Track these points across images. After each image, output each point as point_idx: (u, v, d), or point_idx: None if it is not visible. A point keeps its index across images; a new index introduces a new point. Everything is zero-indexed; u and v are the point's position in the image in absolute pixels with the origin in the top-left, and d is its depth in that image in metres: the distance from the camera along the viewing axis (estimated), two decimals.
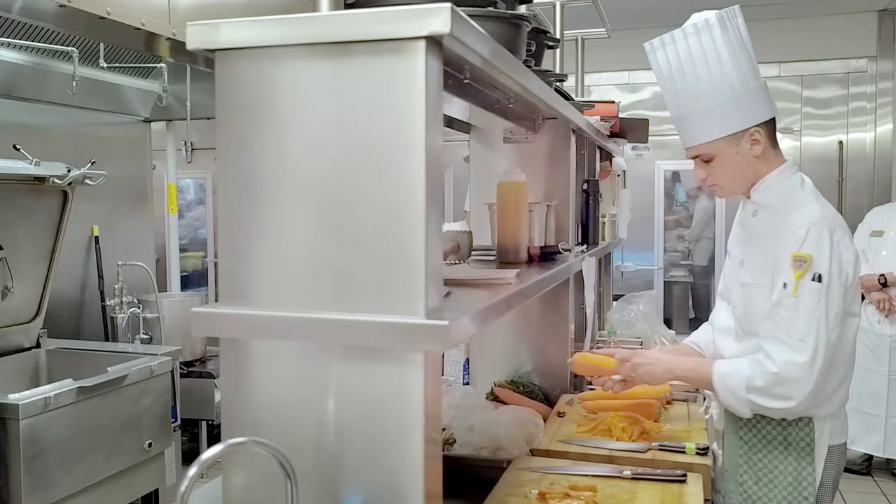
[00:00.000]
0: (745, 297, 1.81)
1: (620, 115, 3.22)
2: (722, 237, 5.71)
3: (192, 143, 4.58)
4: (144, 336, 4.09)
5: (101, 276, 4.61)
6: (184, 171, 5.62)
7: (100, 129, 4.71)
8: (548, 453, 1.78)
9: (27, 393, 2.73)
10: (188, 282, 6.53)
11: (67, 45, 3.72)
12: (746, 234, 1.88)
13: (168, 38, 2.66)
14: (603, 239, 2.98)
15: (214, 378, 4.38)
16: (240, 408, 1.14)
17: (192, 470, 0.96)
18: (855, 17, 5.64)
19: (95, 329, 4.59)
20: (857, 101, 5.79)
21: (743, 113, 1.79)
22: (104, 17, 2.37)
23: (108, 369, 3.07)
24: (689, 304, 6.99)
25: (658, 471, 1.62)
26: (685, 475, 1.61)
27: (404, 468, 1.06)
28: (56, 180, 3.23)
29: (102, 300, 4.60)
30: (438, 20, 0.99)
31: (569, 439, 1.86)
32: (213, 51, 1.11)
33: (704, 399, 2.07)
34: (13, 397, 2.67)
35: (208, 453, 0.97)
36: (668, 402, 2.18)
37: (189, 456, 4.18)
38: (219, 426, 4.88)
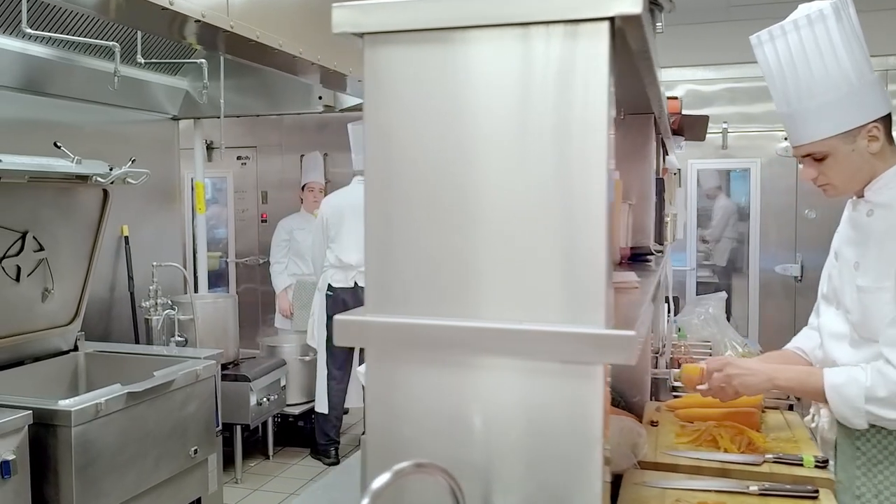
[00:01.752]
0: (862, 302, 1.71)
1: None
2: (757, 238, 5.61)
3: (223, 143, 4.47)
4: (180, 338, 4.00)
5: (131, 277, 4.52)
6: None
7: (128, 126, 4.62)
8: (657, 466, 1.68)
9: (78, 399, 2.64)
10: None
11: (102, 41, 3.61)
12: (860, 235, 1.78)
13: (225, 31, 2.58)
14: (667, 239, 2.89)
15: (250, 381, 4.28)
16: (389, 425, 1.05)
17: (365, 501, 0.86)
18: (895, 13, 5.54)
19: (126, 331, 4.49)
20: None
21: (861, 108, 1.70)
22: (166, 8, 2.29)
23: (155, 373, 2.98)
24: None
25: (787, 486, 1.53)
26: (817, 491, 1.52)
27: (580, 491, 0.97)
28: (99, 178, 3.13)
29: (133, 301, 4.51)
30: (629, 0, 0.90)
31: (673, 451, 1.77)
32: (362, 35, 1.02)
33: (811, 406, 1.98)
34: (64, 404, 2.58)
35: (378, 482, 0.87)
36: (763, 410, 2.08)
37: (223, 461, 4.08)
38: (254, 431, 4.80)
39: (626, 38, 1.04)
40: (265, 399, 4.43)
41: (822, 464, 1.67)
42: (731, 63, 5.44)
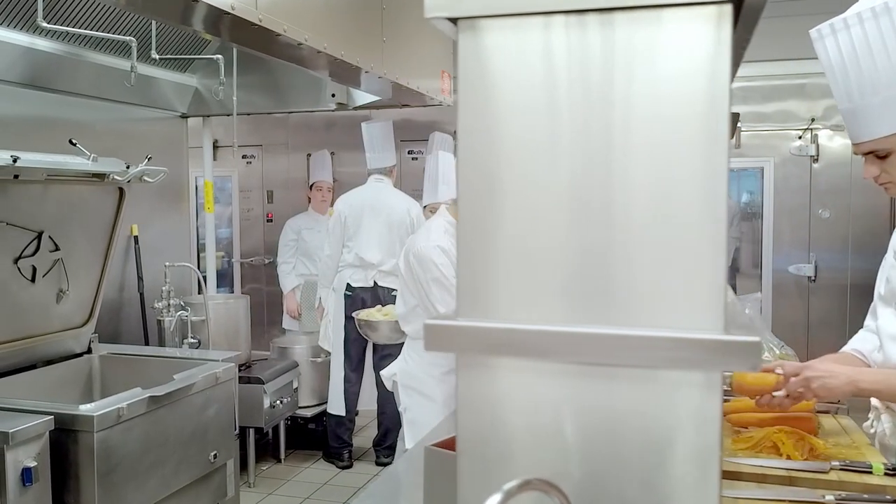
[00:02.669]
0: None
1: None
2: (770, 237, 5.57)
3: (236, 141, 4.39)
4: (193, 340, 3.91)
5: (140, 278, 4.44)
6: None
7: (137, 124, 4.54)
8: None
9: (100, 403, 2.57)
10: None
11: (118, 35, 3.53)
12: None
13: (253, 25, 2.51)
14: None
15: (263, 384, 4.21)
16: (484, 437, 0.98)
17: None
18: None
19: (135, 332, 4.41)
20: None
21: None
22: (196, 0, 2.22)
23: (175, 376, 2.91)
24: None
25: (864, 495, 1.48)
26: (895, 501, 1.46)
27: None
28: (116, 177, 3.05)
29: (142, 302, 4.43)
30: None
31: (733, 458, 1.71)
32: (455, 20, 0.95)
33: (870, 411, 1.92)
34: (85, 408, 2.50)
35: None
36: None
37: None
38: (266, 434, 4.72)
39: (735, 24, 0.98)
40: (278, 401, 4.35)
41: (892, 471, 1.61)
42: (744, 61, 5.38)
